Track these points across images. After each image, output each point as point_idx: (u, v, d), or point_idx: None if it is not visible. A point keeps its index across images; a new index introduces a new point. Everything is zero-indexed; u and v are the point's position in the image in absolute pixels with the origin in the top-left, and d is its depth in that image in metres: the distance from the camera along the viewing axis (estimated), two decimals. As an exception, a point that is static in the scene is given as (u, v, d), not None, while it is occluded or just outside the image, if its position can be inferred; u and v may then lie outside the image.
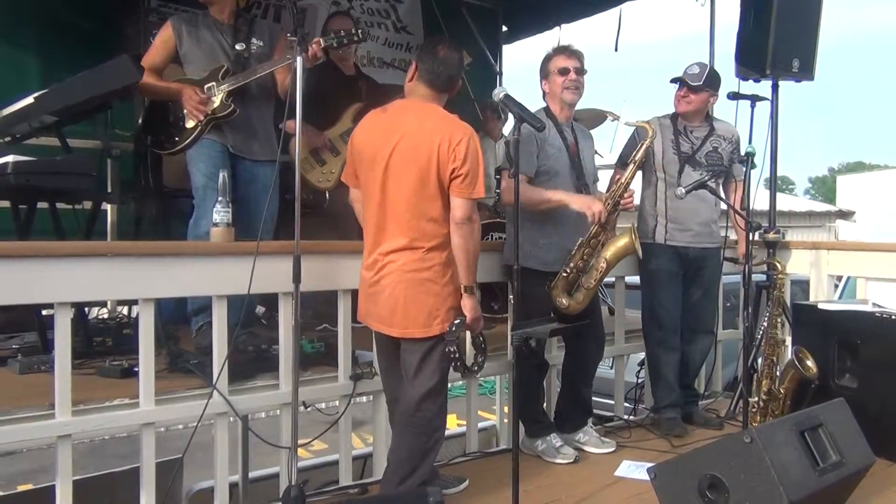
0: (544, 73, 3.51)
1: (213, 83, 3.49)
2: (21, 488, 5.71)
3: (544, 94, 3.54)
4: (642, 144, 3.54)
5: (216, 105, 3.47)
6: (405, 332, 2.83)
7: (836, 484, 2.67)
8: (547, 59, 3.50)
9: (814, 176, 61.60)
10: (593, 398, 3.81)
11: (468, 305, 2.81)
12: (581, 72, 3.45)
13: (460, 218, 2.74)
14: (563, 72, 3.44)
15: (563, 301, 3.35)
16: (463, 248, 2.75)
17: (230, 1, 3.65)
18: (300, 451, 3.68)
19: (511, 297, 3.32)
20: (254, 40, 3.65)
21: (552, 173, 3.39)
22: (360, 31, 3.58)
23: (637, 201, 3.79)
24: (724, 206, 3.98)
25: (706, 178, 3.72)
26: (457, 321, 2.79)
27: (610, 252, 3.37)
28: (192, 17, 3.66)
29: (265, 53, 3.64)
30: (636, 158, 3.52)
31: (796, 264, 4.57)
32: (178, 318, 3.59)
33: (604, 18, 6.18)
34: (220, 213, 3.03)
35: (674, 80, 3.89)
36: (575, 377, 3.65)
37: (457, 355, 2.78)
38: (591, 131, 4.08)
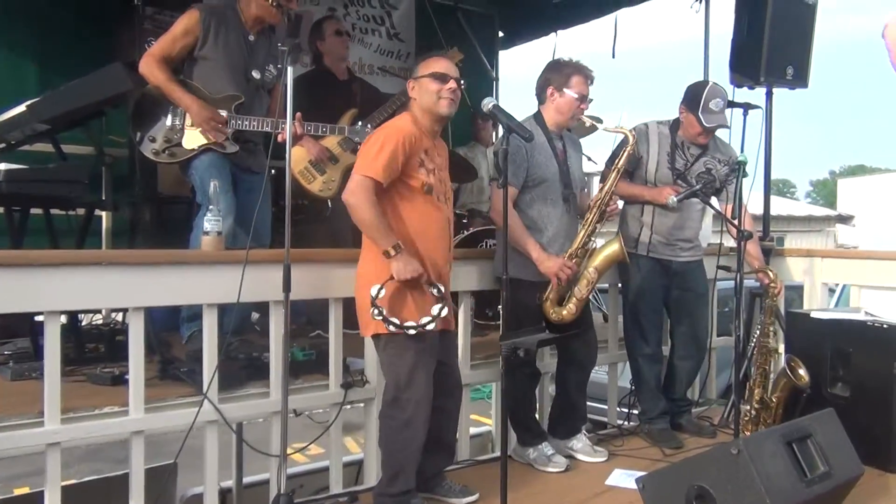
0: (559, 84, 3.39)
1: (225, 112, 3.42)
2: (18, 492, 5.71)
3: (545, 99, 3.45)
4: (623, 151, 3.50)
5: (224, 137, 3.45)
6: (362, 332, 3.01)
7: (824, 495, 2.68)
8: (568, 74, 3.39)
9: (815, 179, 61.62)
10: (589, 403, 3.81)
11: (393, 268, 2.79)
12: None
13: (345, 190, 2.83)
14: (582, 100, 3.40)
15: (556, 312, 3.37)
16: (360, 224, 2.82)
17: (265, 17, 3.52)
18: (296, 455, 3.71)
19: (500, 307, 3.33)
20: (269, 67, 3.60)
21: (540, 181, 3.37)
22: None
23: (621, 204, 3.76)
24: (723, 215, 3.94)
25: (698, 186, 3.71)
26: (378, 286, 2.80)
27: (599, 260, 3.38)
28: (222, 14, 3.46)
29: (273, 83, 3.62)
30: (618, 166, 3.48)
31: (791, 272, 4.58)
32: (170, 324, 3.60)
33: (600, 24, 6.21)
34: (211, 222, 3.02)
35: (709, 128, 3.70)
36: (568, 384, 3.65)
37: (379, 316, 2.78)
38: (588, 138, 4.09)
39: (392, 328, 2.79)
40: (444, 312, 2.85)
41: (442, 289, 2.90)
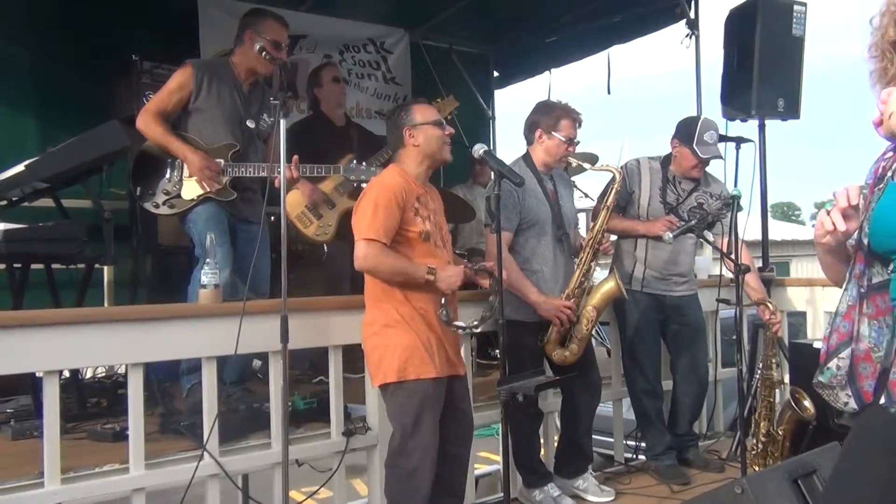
0: (547, 126, 3.41)
1: (222, 160, 3.47)
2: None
3: (533, 140, 3.47)
4: (611, 189, 3.51)
5: (219, 186, 3.48)
6: (372, 383, 3.00)
7: (832, 531, 2.63)
8: (556, 116, 3.41)
9: (819, 201, 61.47)
10: (597, 437, 3.77)
11: (441, 288, 2.84)
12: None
13: (355, 259, 2.82)
14: (570, 142, 3.42)
15: (559, 354, 3.37)
16: (389, 280, 2.83)
17: (257, 68, 3.57)
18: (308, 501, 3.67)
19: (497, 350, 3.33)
20: (264, 117, 3.65)
21: (533, 223, 3.39)
22: None
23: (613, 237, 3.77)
24: (720, 249, 3.92)
25: (693, 222, 3.72)
26: (442, 300, 2.84)
27: (597, 298, 3.39)
28: (215, 69, 3.56)
29: (268, 132, 3.66)
30: (607, 204, 3.48)
31: (792, 302, 4.56)
32: (173, 374, 3.59)
33: (593, 59, 6.28)
34: (208, 275, 3.03)
35: (705, 158, 3.73)
36: (572, 424, 3.62)
37: (445, 318, 2.84)
38: (585, 174, 4.10)
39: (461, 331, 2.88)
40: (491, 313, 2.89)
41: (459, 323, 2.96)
